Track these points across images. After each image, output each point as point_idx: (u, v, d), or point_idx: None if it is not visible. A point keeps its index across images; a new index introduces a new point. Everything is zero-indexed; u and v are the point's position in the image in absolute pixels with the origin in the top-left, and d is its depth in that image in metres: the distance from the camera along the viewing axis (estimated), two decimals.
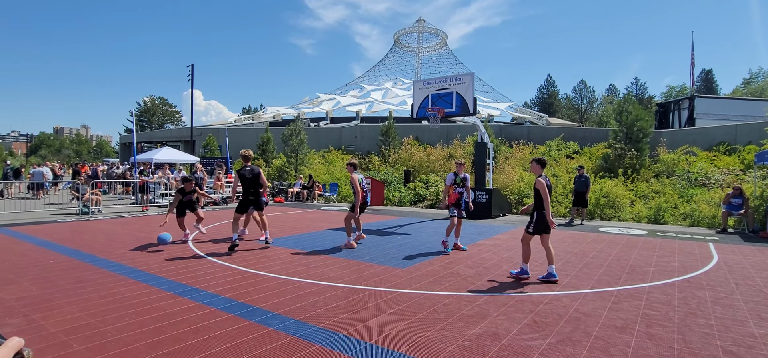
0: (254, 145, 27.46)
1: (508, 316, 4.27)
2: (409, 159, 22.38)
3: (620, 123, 18.18)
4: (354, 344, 3.55)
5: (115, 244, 8.05)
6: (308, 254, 7.25)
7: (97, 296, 4.78)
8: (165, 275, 5.70)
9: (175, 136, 41.99)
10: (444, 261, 6.85)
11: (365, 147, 27.22)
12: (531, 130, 28.16)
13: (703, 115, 26.02)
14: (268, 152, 25.92)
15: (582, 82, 70.51)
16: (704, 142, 19.87)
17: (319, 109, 53.88)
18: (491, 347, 3.50)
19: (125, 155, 42.69)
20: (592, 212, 13.64)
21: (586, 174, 12.65)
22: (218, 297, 4.76)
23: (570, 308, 4.54)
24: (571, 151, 21.88)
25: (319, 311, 4.36)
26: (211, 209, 15.34)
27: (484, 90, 62.02)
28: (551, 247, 5.80)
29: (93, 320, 4.02)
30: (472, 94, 12.87)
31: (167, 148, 26.87)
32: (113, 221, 11.68)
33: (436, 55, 74.21)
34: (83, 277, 5.60)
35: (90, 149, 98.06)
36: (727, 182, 14.97)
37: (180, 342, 3.53)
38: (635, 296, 5.00)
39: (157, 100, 79.51)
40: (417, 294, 5.00)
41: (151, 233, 9.31)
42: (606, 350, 3.47)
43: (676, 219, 12.66)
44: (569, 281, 5.67)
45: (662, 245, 8.71)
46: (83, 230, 9.74)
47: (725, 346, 3.59)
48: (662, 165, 17.45)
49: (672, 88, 59.32)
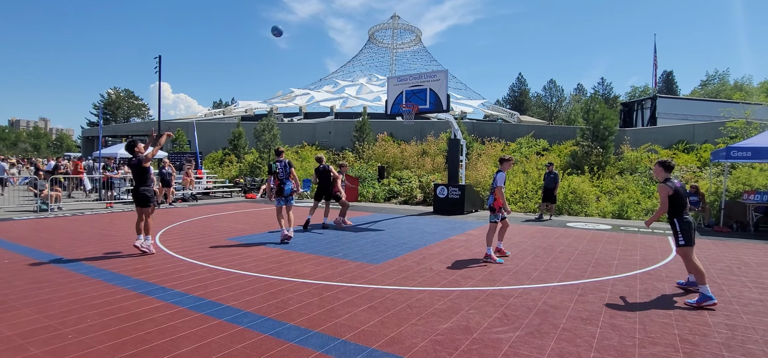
0: (225, 140, 26.82)
1: (479, 310, 4.35)
2: (384, 155, 22.40)
3: (587, 121, 18.78)
4: (327, 340, 3.53)
5: (76, 242, 7.70)
6: (280, 251, 7.15)
7: (57, 296, 4.56)
8: (131, 274, 5.51)
9: (142, 130, 40.49)
10: (417, 257, 6.90)
11: (339, 143, 27.07)
12: (503, 127, 28.70)
13: (664, 114, 27.20)
14: (239, 148, 25.38)
15: (552, 81, 72.57)
16: (665, 140, 20.79)
17: (292, 105, 53.19)
18: (463, 341, 3.56)
19: (88, 150, 40.88)
20: (560, 208, 14.05)
21: (555, 171, 13.02)
22: (187, 296, 4.64)
23: (539, 301, 4.67)
24: (541, 148, 22.45)
25: (292, 308, 4.31)
26: (180, 205, 14.90)
27: (458, 87, 62.82)
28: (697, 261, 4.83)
29: (52, 322, 3.84)
30: (445, 91, 12.99)
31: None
32: (75, 218, 11.17)
33: (411, 51, 74.55)
34: (41, 277, 5.33)
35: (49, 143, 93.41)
36: (685, 179, 15.74)
37: (146, 343, 3.42)
38: (600, 289, 5.20)
39: (122, 93, 76.49)
40: (390, 290, 5.02)
41: (115, 231, 8.96)
42: (572, 341, 3.59)
43: (639, 214, 13.22)
44: (538, 275, 5.83)
45: (625, 239, 9.07)
46: (41, 228, 9.27)
47: (682, 334, 3.78)
48: (626, 162, 18.15)
49: (635, 88, 61.73)
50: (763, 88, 47.21)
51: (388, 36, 76.02)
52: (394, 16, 75.84)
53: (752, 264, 6.79)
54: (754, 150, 10.55)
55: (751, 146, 10.67)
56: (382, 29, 76.50)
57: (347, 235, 8.99)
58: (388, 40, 75.95)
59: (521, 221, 12.02)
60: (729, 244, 8.71)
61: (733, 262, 6.93)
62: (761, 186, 12.11)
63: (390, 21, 75.86)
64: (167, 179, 14.72)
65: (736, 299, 4.88)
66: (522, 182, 16.04)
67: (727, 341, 3.64)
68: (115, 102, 73.97)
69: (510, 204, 14.95)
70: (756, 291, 5.22)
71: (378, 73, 66.22)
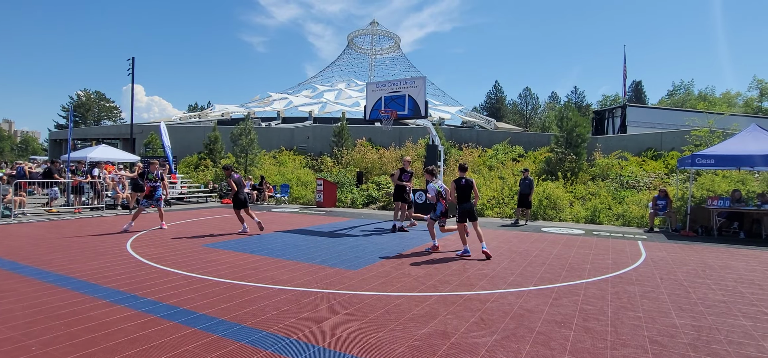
0: (201, 145, 26.27)
1: (456, 315, 4.39)
2: (362, 160, 22.40)
3: (561, 129, 19.28)
4: (304, 348, 3.50)
5: (42, 249, 7.38)
6: (257, 257, 7.05)
7: (20, 306, 4.36)
8: (100, 282, 5.31)
9: (114, 133, 39.25)
10: (395, 262, 6.92)
11: (318, 148, 26.91)
12: (480, 133, 29.15)
13: (634, 122, 28.20)
14: (215, 152, 24.91)
15: (527, 89, 74.33)
16: (635, 147, 21.54)
17: (270, 109, 52.60)
18: (441, 346, 3.59)
19: (55, 153, 39.30)
20: (535, 213, 14.35)
21: (530, 177, 13.31)
22: (159, 304, 4.51)
23: (515, 305, 4.75)
24: (516, 154, 22.91)
25: (269, 315, 4.25)
26: (153, 210, 14.48)
27: (436, 94, 63.52)
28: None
29: (14, 333, 3.67)
30: (424, 97, 13.12)
31: (104, 145, 25.05)
32: (40, 224, 10.71)
33: (390, 57, 74.99)
34: (3, 286, 5.08)
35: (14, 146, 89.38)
36: (653, 185, 16.34)
37: (115, 354, 3.30)
38: (574, 293, 5.33)
39: (92, 95, 74.02)
40: (369, 296, 5.01)
41: (85, 237, 8.64)
42: (547, 344, 3.66)
43: (610, 219, 13.63)
44: (514, 279, 5.93)
45: (598, 243, 9.34)
46: (4, 235, 8.85)
47: (651, 336, 3.91)
48: (598, 169, 18.72)
49: (607, 97, 63.87)
50: (725, 98, 49.63)
51: (368, 42, 76.30)
52: (373, 22, 76.23)
53: (716, 267, 7.09)
54: (717, 158, 11.06)
55: (714, 154, 11.18)
56: (361, 35, 76.71)
57: (325, 240, 8.94)
58: (367, 46, 76.20)
59: (497, 226, 12.21)
60: (694, 247, 9.08)
61: (699, 265, 7.23)
62: (724, 192, 12.69)
63: (369, 27, 76.19)
64: (139, 183, 14.28)
65: (702, 301, 5.09)
66: (498, 188, 16.31)
67: (693, 342, 3.79)
68: (85, 104, 71.53)
69: (487, 209, 15.18)
70: (720, 293, 5.46)
71: (357, 78, 66.28)
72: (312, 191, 19.20)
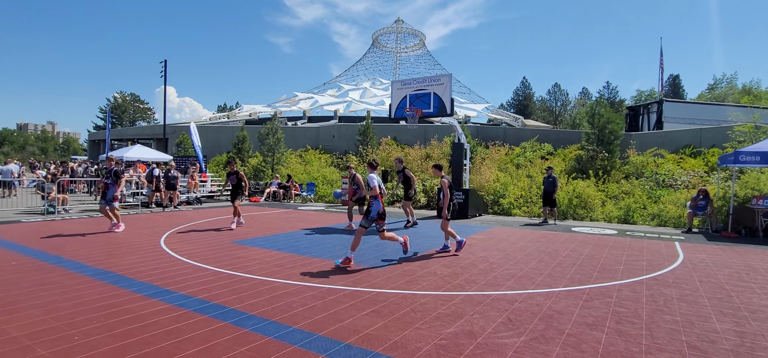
0: (229, 144, 26.93)
1: (483, 314, 4.33)
2: (387, 159, 22.41)
3: (592, 125, 18.71)
4: (331, 344, 3.53)
5: (82, 244, 7.75)
6: (284, 254, 7.16)
7: (63, 298, 4.59)
8: (135, 277, 5.53)
9: (148, 133, 40.80)
10: (421, 261, 6.89)
11: (343, 147, 27.11)
12: (507, 131, 28.65)
13: (671, 118, 27.05)
14: (244, 151, 25.48)
15: (556, 85, 72.38)
16: (671, 144, 20.66)
17: (296, 108, 53.39)
18: (467, 346, 3.54)
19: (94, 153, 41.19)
20: (565, 212, 13.98)
21: (554, 175, 12.98)
22: (191, 299, 4.65)
23: (544, 306, 4.64)
24: (545, 152, 22.38)
25: (296, 311, 4.31)
26: (185, 208, 14.97)
27: (462, 91, 62.82)
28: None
29: (58, 323, 3.86)
30: (449, 95, 13.00)
31: (139, 145, 26.09)
32: (81, 221, 11.24)
33: (415, 55, 74.69)
34: (48, 279, 5.37)
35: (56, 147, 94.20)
36: (692, 184, 15.62)
37: (150, 345, 3.43)
38: (606, 294, 5.16)
39: (128, 97, 77.13)
40: (394, 294, 5.01)
41: (121, 233, 9.01)
42: (578, 347, 3.56)
43: (645, 219, 13.13)
44: (543, 280, 5.79)
45: (631, 244, 9.01)
46: (49, 231, 9.34)
47: (690, 341, 3.74)
48: (632, 167, 18.05)
49: (641, 92, 61.39)
50: None
51: (392, 40, 76.22)
52: (398, 20, 76.08)
53: (761, 270, 6.71)
54: (762, 154, 10.45)
55: (760, 151, 10.57)
56: (386, 33, 76.72)
57: (351, 238, 8.98)
58: (392, 44, 76.14)
59: (520, 225, 11.97)
60: (737, 249, 8.62)
61: (742, 268, 6.86)
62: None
63: (394, 25, 76.10)
64: (172, 182, 14.79)
65: (745, 305, 4.83)
66: (526, 186, 15.98)
67: (736, 349, 3.60)
68: (121, 106, 74.63)
69: (514, 208, 14.90)
70: (765, 298, 5.16)
71: (382, 77, 66.33)
72: (339, 188, 19.36)
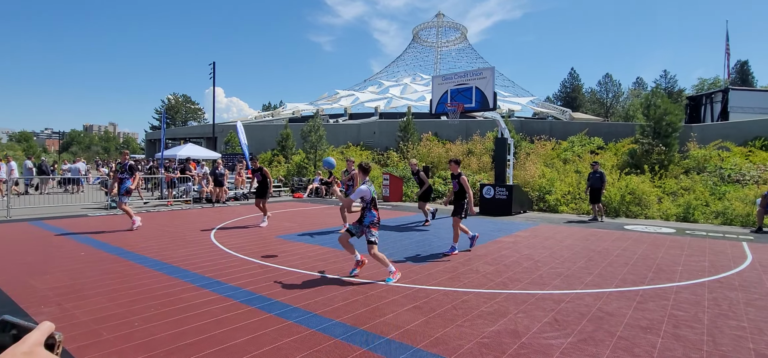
0: (274, 142, 27.79)
1: (528, 314, 4.20)
2: (428, 155, 22.25)
3: (648, 117, 17.60)
4: (372, 338, 3.56)
5: (141, 237, 8.29)
6: (326, 249, 7.30)
7: (125, 287, 4.94)
8: (189, 268, 5.85)
9: (198, 132, 42.87)
10: (462, 258, 6.79)
11: (384, 143, 27.21)
12: (553, 125, 27.60)
13: (738, 108, 24.91)
14: (287, 148, 26.20)
15: (607, 76, 68.61)
16: (739, 136, 19.04)
17: (337, 106, 54.10)
18: (511, 345, 3.46)
19: (150, 152, 43.87)
20: (617, 210, 13.30)
21: (600, 170, 12.35)
22: (240, 290, 4.85)
23: (593, 307, 4.44)
24: (595, 146, 21.34)
25: (338, 305, 4.39)
26: (232, 204, 15.63)
27: (505, 85, 61.10)
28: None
29: (121, 310, 4.16)
30: (492, 88, 12.69)
31: (190, 144, 27.49)
32: (139, 215, 12.03)
33: (456, 49, 73.46)
34: (111, 269, 5.79)
35: (117, 146, 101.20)
36: (763, 179, 14.34)
37: (204, 333, 3.61)
38: (662, 296, 4.85)
39: (180, 98, 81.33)
40: (435, 290, 4.97)
41: (175, 227, 9.55)
42: (630, 351, 3.37)
43: (707, 217, 12.22)
44: (592, 280, 5.54)
45: (692, 243, 8.42)
46: (111, 224, 10.07)
47: (759, 349, 3.44)
48: (692, 161, 16.84)
49: (704, 80, 56.89)
50: None
51: (433, 35, 75.38)
52: (438, 14, 75.11)
53: None
54: None
55: None
56: (426, 28, 75.99)
57: (391, 234, 9.02)
58: (432, 38, 75.32)
59: (572, 223, 11.49)
60: None
61: None
62: None
63: (434, 19, 75.21)
64: (220, 179, 15.49)
65: None
66: (574, 182, 15.33)
67: None
68: (174, 106, 78.84)
69: (561, 205, 14.35)
70: None
71: (422, 72, 65.83)
72: (378, 186, 19.48)
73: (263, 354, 3.25)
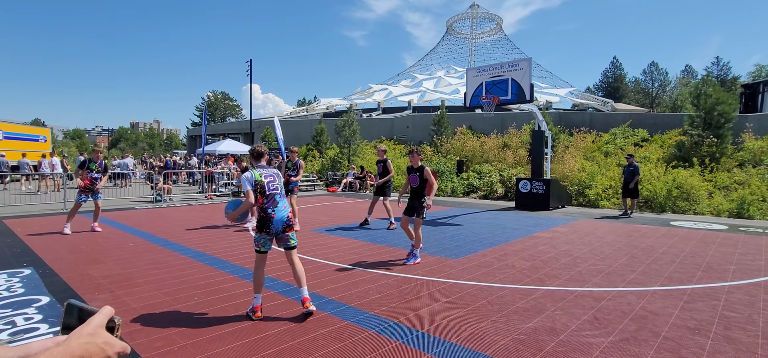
0: (309, 137, 28.28)
1: (566, 311, 4.09)
2: (462, 149, 21.98)
3: (697, 107, 16.60)
4: (406, 331, 3.58)
5: (185, 229, 8.68)
6: (360, 243, 7.38)
7: (171, 276, 5.20)
8: (228, 259, 6.08)
9: (235, 128, 44.29)
10: (498, 253, 6.69)
11: (417, 137, 27.10)
12: (594, 117, 26.55)
13: None
14: (321, 143, 26.61)
15: (653, 64, 65.08)
16: None
17: (371, 100, 54.30)
18: (548, 342, 3.38)
19: (192, 147, 45.75)
20: (662, 205, 12.66)
21: (635, 163, 11.77)
22: (277, 281, 5.00)
23: (636, 305, 4.26)
24: (639, 139, 20.37)
25: (373, 298, 4.44)
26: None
27: (542, 76, 59.23)
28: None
29: (167, 298, 4.39)
30: (529, 80, 12.35)
31: (229, 140, 28.43)
32: (182, 208, 12.60)
33: (491, 41, 71.90)
34: (158, 259, 6.11)
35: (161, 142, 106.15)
36: None
37: (243, 322, 3.76)
38: (712, 296, 4.59)
39: (219, 95, 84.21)
40: (470, 285, 4.93)
41: (215, 220, 9.94)
42: (676, 352, 3.22)
43: (764, 213, 11.41)
44: (635, 277, 5.31)
45: (746, 241, 7.90)
46: (157, 216, 10.60)
47: None
48: (748, 153, 15.76)
49: (761, 67, 52.89)
50: None
51: (467, 26, 74.06)
52: (473, 5, 73.68)
53: None
54: None
55: None
56: (460, 20, 74.77)
57: (425, 229, 8.99)
58: (466, 30, 74.03)
59: (614, 218, 11.04)
60: None
61: None
62: None
63: (469, 10, 73.85)
64: None
65: None
66: (616, 176, 14.71)
67: None
68: (213, 103, 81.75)
69: (602, 200, 13.81)
70: None
71: (456, 65, 64.89)
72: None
73: (299, 344, 3.34)
